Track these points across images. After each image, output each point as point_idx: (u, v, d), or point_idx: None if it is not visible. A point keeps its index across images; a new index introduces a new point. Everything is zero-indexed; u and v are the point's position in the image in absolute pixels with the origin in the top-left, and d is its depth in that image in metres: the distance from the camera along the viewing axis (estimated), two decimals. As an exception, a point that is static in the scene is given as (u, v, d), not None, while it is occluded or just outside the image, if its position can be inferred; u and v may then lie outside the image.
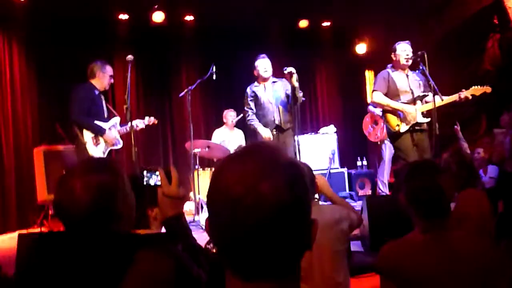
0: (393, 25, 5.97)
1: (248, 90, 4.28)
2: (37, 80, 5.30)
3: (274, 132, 4.10)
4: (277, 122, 4.09)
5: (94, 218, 1.07)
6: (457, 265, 1.28)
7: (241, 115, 5.53)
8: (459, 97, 3.75)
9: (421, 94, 3.87)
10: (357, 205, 4.79)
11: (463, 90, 3.79)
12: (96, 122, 3.70)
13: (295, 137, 4.08)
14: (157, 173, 1.25)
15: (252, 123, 4.18)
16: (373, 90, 3.99)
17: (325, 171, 5.40)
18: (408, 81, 3.93)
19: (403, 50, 3.91)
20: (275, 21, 6.21)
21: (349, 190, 5.55)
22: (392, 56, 4.00)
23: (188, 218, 2.68)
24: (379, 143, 5.24)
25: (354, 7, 5.80)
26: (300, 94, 4.00)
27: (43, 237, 1.36)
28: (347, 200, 5.26)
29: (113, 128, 3.81)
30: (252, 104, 4.22)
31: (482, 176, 4.23)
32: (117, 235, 1.12)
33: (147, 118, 4.12)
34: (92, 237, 1.09)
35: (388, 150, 5.05)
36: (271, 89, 4.19)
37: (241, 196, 0.59)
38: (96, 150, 3.68)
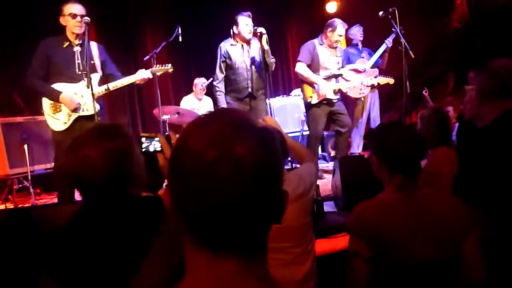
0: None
1: (222, 47, 3.89)
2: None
3: (246, 100, 3.87)
4: (249, 89, 3.84)
5: (113, 184, 1.11)
6: (427, 223, 1.30)
7: (211, 79, 5.36)
8: (365, 84, 4.39)
9: (338, 72, 4.18)
10: (329, 165, 4.85)
11: (372, 77, 4.42)
12: (57, 84, 3.01)
13: (267, 100, 4.00)
14: (157, 139, 1.25)
15: (218, 95, 3.91)
16: (298, 61, 4.14)
17: (297, 134, 5.40)
18: (330, 58, 4.13)
19: (340, 32, 4.06)
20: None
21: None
22: (327, 31, 4.08)
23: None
24: (362, 99, 5.12)
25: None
26: (272, 59, 3.82)
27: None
28: (320, 161, 5.32)
29: (84, 88, 3.04)
30: (223, 66, 3.89)
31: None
32: (137, 198, 1.18)
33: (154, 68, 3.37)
34: (113, 201, 1.12)
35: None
36: (248, 51, 3.88)
37: (215, 160, 0.55)
38: (55, 121, 3.03)
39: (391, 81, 4.51)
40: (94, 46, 3.19)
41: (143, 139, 1.26)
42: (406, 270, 1.29)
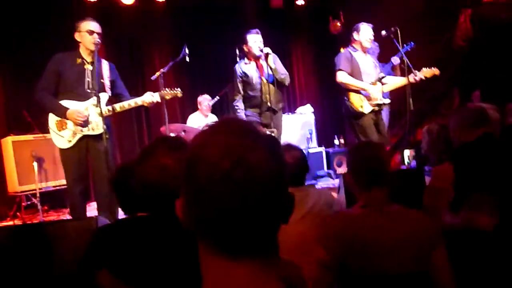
0: (367, 2, 5.94)
1: (238, 68, 3.97)
2: (1, 68, 5.03)
3: (267, 114, 3.88)
4: (268, 103, 3.85)
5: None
6: (393, 236, 1.34)
7: (217, 97, 5.45)
8: (414, 79, 3.86)
9: (381, 75, 4.00)
10: (335, 182, 4.84)
11: (416, 72, 3.88)
12: (65, 100, 2.99)
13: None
14: None
15: (238, 113, 3.90)
16: (337, 70, 3.96)
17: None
18: (370, 63, 4.01)
19: (367, 34, 3.93)
20: (249, 0, 6.09)
21: (327, 169, 5.60)
22: (355, 35, 4.01)
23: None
24: None
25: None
26: (282, 75, 3.89)
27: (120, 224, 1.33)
28: (325, 178, 5.32)
29: (91, 107, 3.03)
30: (241, 86, 3.94)
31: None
32: None
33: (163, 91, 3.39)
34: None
35: None
36: (261, 67, 3.92)
37: (229, 169, 0.58)
38: (60, 138, 3.00)
39: (436, 71, 3.94)
40: (105, 65, 3.21)
41: None
42: (374, 282, 1.32)
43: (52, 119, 3.03)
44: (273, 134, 2.53)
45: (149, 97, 3.23)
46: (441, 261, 1.33)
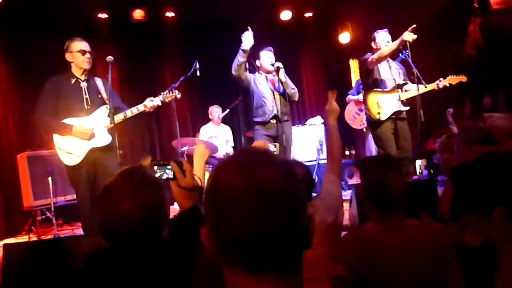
0: (375, 13, 5.97)
1: (251, 76, 4.11)
2: (17, 83, 5.17)
3: (273, 122, 3.98)
4: (275, 111, 3.96)
5: (148, 231, 1.10)
6: (409, 252, 1.33)
7: (228, 110, 5.51)
8: (437, 86, 3.81)
9: (402, 82, 3.93)
10: (347, 194, 4.81)
11: (441, 79, 3.83)
12: (67, 119, 3.04)
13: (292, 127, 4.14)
14: (169, 167, 1.25)
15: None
16: (365, 59, 3.89)
17: (314, 163, 5.41)
18: (390, 70, 3.96)
19: (383, 39, 3.90)
20: (257, 14, 6.16)
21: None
22: (372, 44, 3.99)
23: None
24: (364, 130, 5.25)
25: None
26: (293, 90, 4.00)
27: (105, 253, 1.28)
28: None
29: (94, 121, 3.11)
30: (252, 83, 4.03)
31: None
32: (167, 239, 1.18)
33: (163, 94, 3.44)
34: (145, 246, 1.11)
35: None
36: (272, 80, 4.08)
37: (244, 185, 0.61)
38: (69, 156, 3.03)
39: (463, 78, 3.91)
40: (99, 81, 3.28)
41: (155, 168, 1.26)
42: None
43: (57, 138, 3.07)
44: (273, 149, 2.54)
45: (149, 102, 3.29)
46: (457, 277, 1.32)
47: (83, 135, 3.02)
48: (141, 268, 1.09)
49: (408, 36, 3.63)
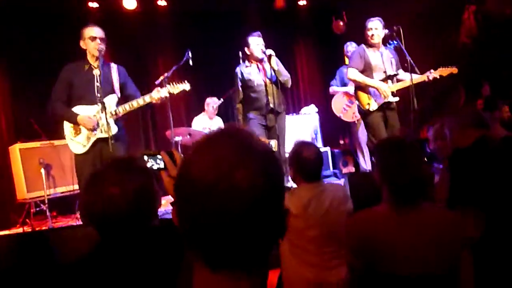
0: (369, 2, 5.92)
1: (239, 72, 4.01)
2: (9, 76, 5.11)
3: (271, 116, 3.91)
4: (271, 105, 3.89)
5: (135, 218, 1.10)
6: (422, 236, 1.32)
7: (221, 100, 5.46)
8: (428, 78, 3.84)
9: (393, 73, 3.94)
10: (341, 182, 4.83)
11: (432, 70, 3.86)
12: (77, 106, 3.12)
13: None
14: (159, 156, 1.21)
15: (239, 117, 4.02)
16: (349, 67, 3.97)
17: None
18: (382, 59, 3.94)
19: (374, 28, 3.89)
20: (251, 2, 6.10)
21: (333, 169, 5.59)
22: (365, 33, 3.97)
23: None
24: (356, 122, 5.20)
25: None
26: (285, 77, 3.90)
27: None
28: (331, 178, 5.31)
29: (99, 111, 3.12)
30: (242, 90, 3.99)
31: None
32: (157, 227, 1.18)
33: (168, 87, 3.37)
34: (134, 235, 1.11)
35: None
36: (263, 69, 3.96)
37: (213, 183, 0.57)
38: (76, 144, 3.12)
39: (454, 70, 3.98)
40: (114, 68, 3.29)
41: (146, 158, 1.22)
42: (398, 282, 1.30)
43: (67, 126, 3.16)
44: (272, 145, 2.53)
45: (157, 94, 3.26)
46: (468, 264, 1.31)
47: (87, 124, 3.07)
48: (132, 258, 1.09)
49: (386, 93, 3.79)
